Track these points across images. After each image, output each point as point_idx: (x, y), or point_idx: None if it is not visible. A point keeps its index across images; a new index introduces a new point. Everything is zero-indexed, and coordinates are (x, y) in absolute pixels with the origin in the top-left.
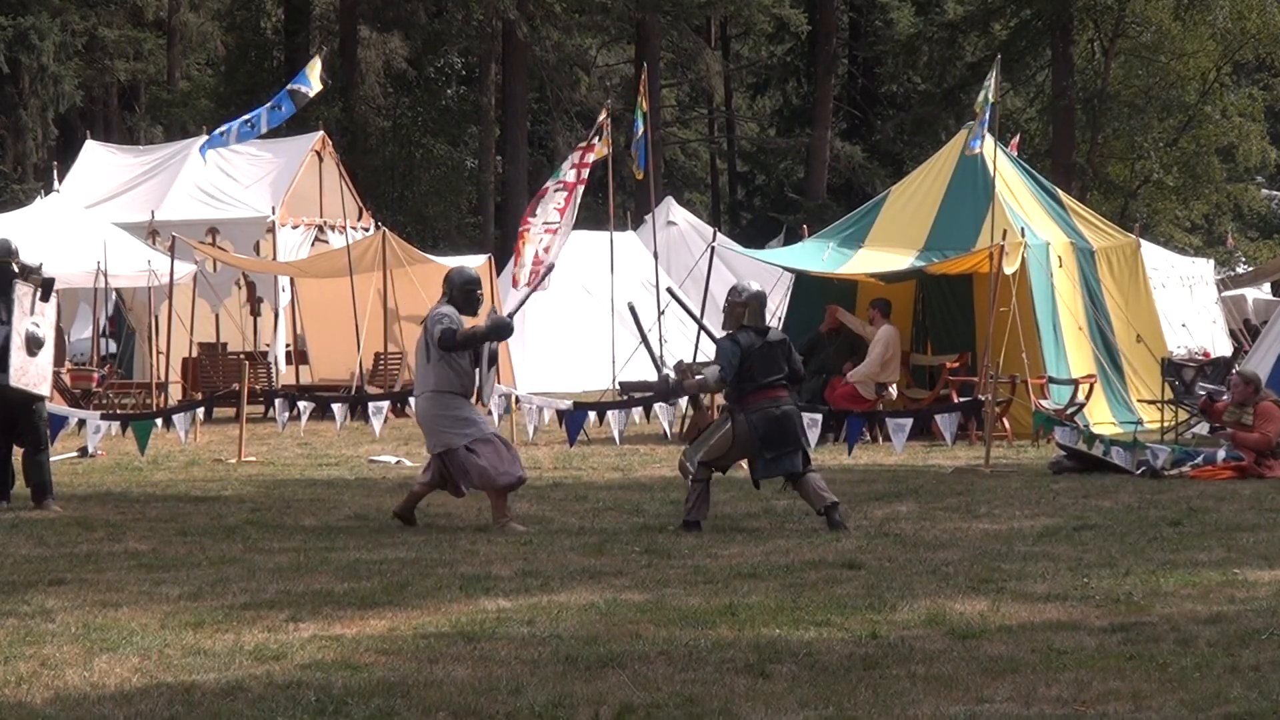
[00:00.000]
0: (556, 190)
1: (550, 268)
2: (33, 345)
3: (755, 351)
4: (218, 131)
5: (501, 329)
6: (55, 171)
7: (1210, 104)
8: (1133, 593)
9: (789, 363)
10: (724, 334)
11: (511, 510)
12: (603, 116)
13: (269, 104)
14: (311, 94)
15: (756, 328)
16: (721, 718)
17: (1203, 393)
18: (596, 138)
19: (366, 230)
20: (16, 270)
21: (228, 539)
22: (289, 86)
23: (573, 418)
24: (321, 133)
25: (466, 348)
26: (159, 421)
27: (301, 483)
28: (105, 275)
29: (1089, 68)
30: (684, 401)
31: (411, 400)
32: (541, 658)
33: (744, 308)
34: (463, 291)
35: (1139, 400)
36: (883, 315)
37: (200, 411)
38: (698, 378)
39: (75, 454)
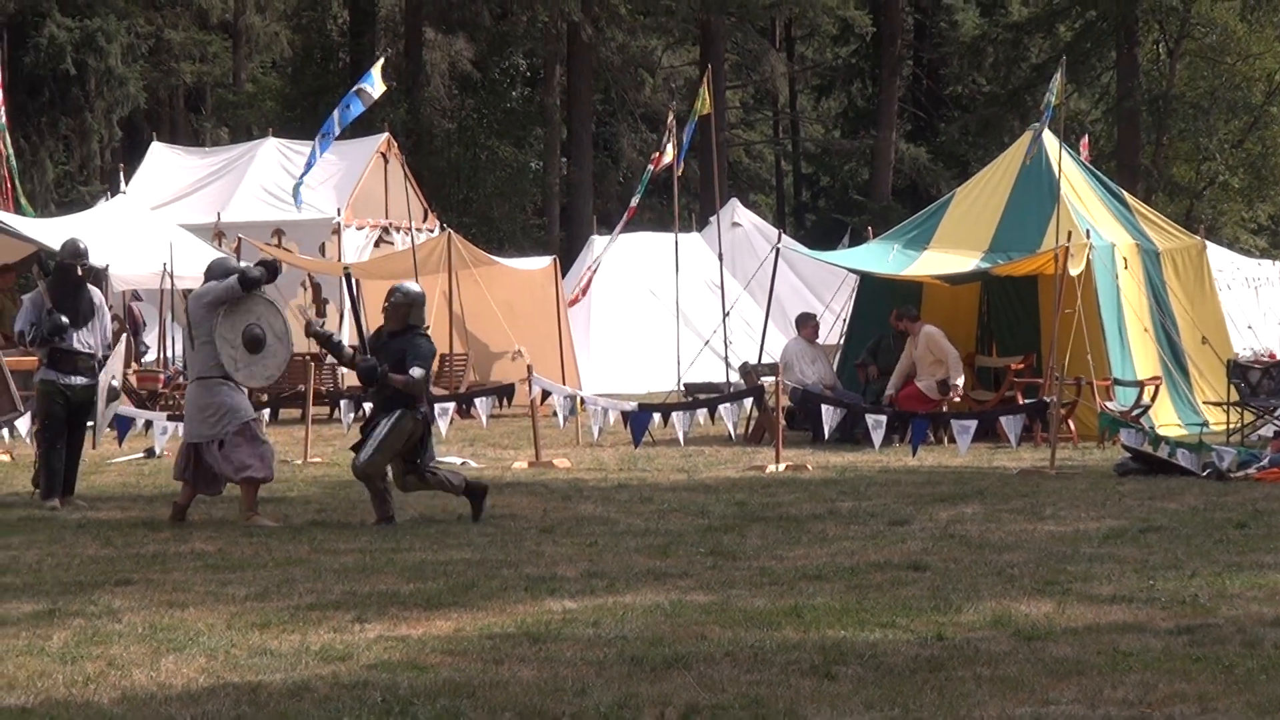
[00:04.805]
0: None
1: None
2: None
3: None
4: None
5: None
6: (121, 173)
7: (1276, 105)
8: (1198, 595)
9: None
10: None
11: (258, 504)
12: (669, 121)
13: (339, 106)
14: (376, 95)
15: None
16: (786, 719)
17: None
18: (668, 144)
19: (431, 232)
20: (83, 273)
21: (294, 539)
22: (356, 86)
23: (637, 419)
24: (386, 134)
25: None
26: None
27: None
28: (171, 277)
29: (1154, 69)
30: (748, 402)
31: (477, 402)
32: (607, 659)
33: (408, 308)
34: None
35: (1204, 402)
36: (912, 320)
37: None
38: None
39: (142, 455)
